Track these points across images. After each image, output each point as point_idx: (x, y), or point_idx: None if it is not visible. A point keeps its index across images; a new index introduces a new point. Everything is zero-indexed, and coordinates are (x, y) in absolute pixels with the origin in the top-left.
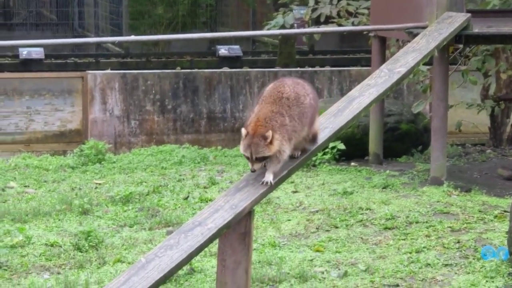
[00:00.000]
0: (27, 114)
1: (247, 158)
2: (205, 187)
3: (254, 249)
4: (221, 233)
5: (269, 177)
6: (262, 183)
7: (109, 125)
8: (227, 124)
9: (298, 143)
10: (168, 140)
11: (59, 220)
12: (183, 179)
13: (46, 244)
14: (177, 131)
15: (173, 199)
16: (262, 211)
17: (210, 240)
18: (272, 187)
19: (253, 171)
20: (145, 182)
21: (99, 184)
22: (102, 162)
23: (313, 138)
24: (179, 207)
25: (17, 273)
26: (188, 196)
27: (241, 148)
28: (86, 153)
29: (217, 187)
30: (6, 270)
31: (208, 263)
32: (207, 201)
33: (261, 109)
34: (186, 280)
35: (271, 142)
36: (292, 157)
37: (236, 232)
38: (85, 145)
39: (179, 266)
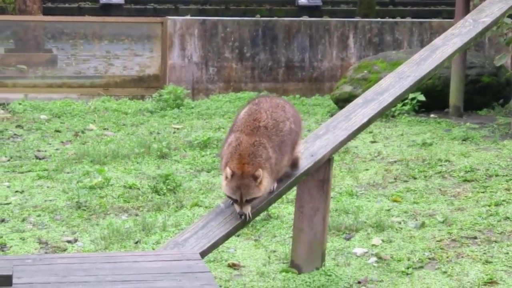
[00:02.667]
0: (106, 58)
1: (235, 200)
2: None
3: (331, 197)
4: (300, 180)
5: (247, 210)
6: (239, 215)
7: (187, 71)
8: (305, 73)
9: (277, 174)
10: (245, 88)
11: (137, 163)
12: None
13: (124, 186)
14: (254, 79)
15: None
16: (340, 160)
17: (288, 187)
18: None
19: (242, 214)
20: (223, 128)
21: (177, 128)
22: (181, 107)
23: (293, 164)
24: None
25: (96, 213)
26: None
27: (226, 190)
28: (165, 98)
29: None
30: (85, 210)
31: (284, 209)
32: None
33: (241, 143)
34: (263, 226)
35: (260, 182)
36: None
37: (315, 179)
38: (164, 90)
39: (258, 212)
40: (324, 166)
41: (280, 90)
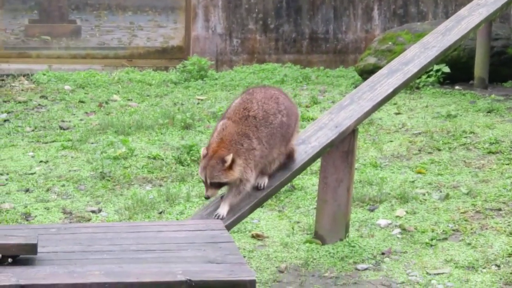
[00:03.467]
0: (130, 29)
1: (203, 181)
2: (307, 106)
3: (356, 168)
4: (325, 152)
5: (223, 210)
6: (215, 216)
7: (211, 42)
8: (329, 45)
9: (264, 169)
10: (269, 60)
11: (161, 133)
12: None
13: (148, 157)
14: (278, 51)
15: None
16: (364, 131)
17: (313, 159)
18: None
19: (206, 197)
20: None
21: (201, 99)
22: (204, 79)
23: (289, 156)
24: None
25: (120, 183)
26: None
27: (199, 169)
28: (188, 69)
29: (319, 106)
30: (109, 180)
31: (308, 181)
32: (309, 120)
33: (226, 128)
34: (287, 197)
35: (230, 167)
36: (256, 188)
37: (339, 151)
38: (188, 61)
39: (283, 184)
40: (348, 137)
41: (304, 61)
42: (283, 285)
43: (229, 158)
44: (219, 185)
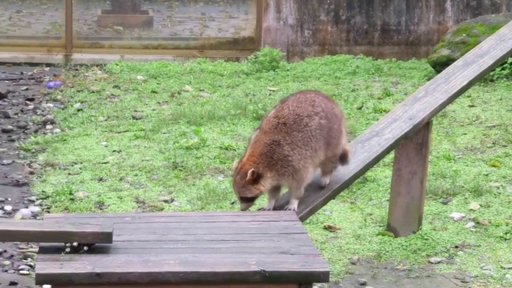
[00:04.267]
0: (201, 20)
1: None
2: (379, 98)
3: (429, 161)
4: (398, 144)
5: (292, 205)
6: (286, 209)
7: (282, 33)
8: (401, 36)
9: (325, 167)
10: (340, 51)
11: (233, 124)
12: (357, 89)
13: (220, 147)
14: (350, 42)
15: (346, 109)
16: (437, 123)
17: (387, 151)
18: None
19: (242, 209)
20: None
21: (273, 91)
22: (276, 70)
23: (342, 158)
24: (352, 116)
25: (192, 174)
26: (362, 106)
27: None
28: (260, 60)
29: (392, 98)
30: (181, 170)
31: (381, 173)
32: (381, 112)
33: (257, 140)
34: (359, 189)
35: (257, 181)
36: (320, 188)
37: (413, 143)
38: (260, 52)
39: (356, 176)
40: (423, 129)
41: (375, 53)
42: (355, 277)
43: (250, 173)
44: (247, 200)
